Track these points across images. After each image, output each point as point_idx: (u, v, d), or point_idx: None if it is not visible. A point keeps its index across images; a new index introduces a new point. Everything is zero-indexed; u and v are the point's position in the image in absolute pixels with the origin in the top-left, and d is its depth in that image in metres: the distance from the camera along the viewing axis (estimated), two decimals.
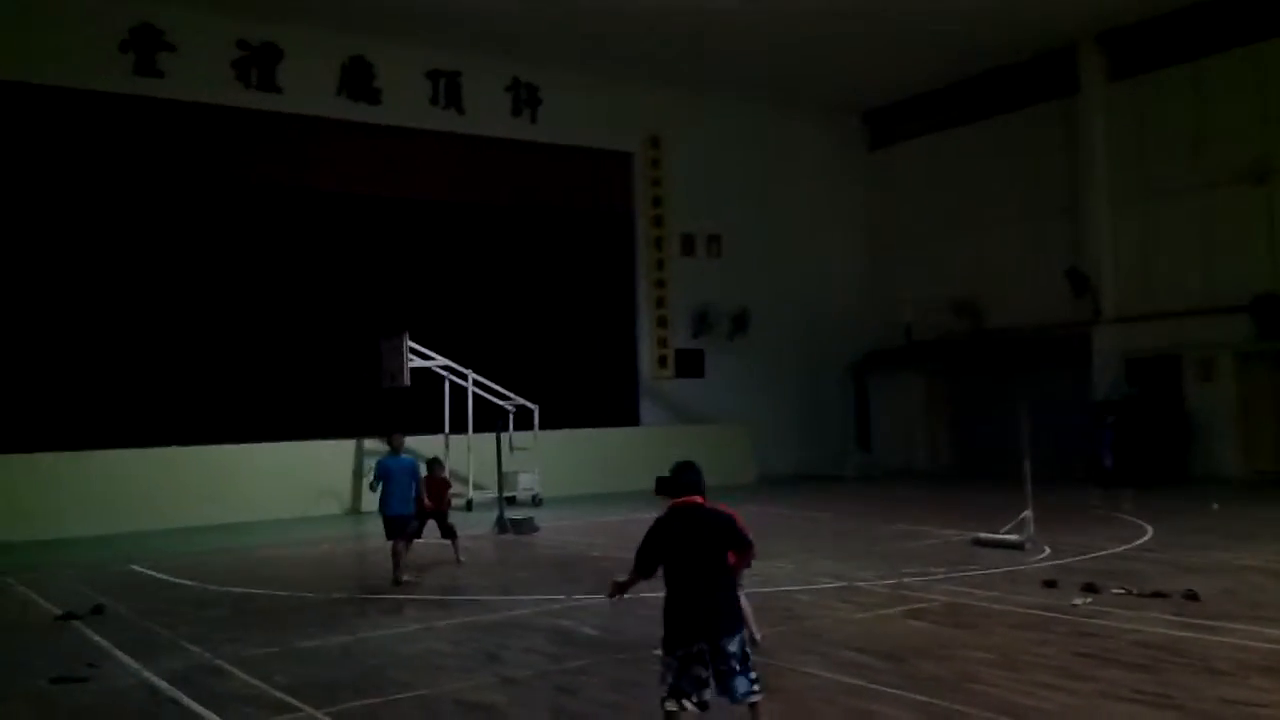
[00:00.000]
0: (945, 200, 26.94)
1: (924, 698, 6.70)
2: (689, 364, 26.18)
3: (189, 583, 12.43)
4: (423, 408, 19.95)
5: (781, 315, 26.82)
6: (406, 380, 18.87)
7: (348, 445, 20.34)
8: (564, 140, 24.46)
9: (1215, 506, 16.17)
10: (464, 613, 10.16)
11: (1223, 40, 21.69)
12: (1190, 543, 12.97)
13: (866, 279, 28.54)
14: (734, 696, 5.50)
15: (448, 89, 23.17)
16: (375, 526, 17.55)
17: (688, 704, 5.44)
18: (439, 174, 23.18)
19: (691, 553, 5.65)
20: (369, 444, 20.29)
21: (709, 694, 5.49)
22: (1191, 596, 9.48)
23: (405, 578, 11.91)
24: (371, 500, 12.85)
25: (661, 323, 25.96)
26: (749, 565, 6.05)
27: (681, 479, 5.88)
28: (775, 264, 26.98)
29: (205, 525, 18.09)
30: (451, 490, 14.15)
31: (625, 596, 5.96)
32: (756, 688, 5.55)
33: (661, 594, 5.62)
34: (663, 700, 5.51)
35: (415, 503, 12.23)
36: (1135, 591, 9.67)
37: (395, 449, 12.39)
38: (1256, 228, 21.08)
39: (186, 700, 7.27)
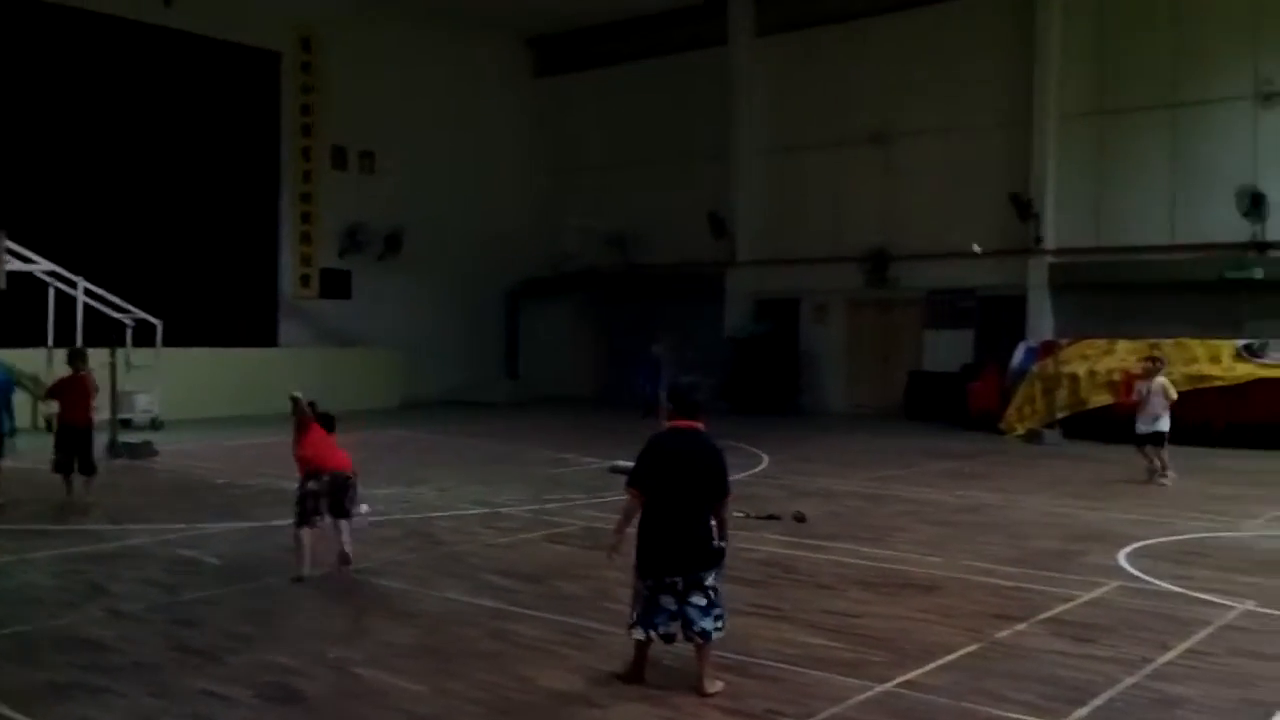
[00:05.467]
0: (607, 135, 27.55)
1: (561, 616, 6.89)
2: (335, 284, 25.11)
3: None
4: (21, 317, 17.71)
5: (439, 238, 26.29)
6: (0, 283, 16.60)
7: None
8: (202, 30, 22.32)
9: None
10: (67, 543, 9.19)
11: (863, 8, 23.62)
12: (800, 469, 14.29)
13: (527, 206, 28.64)
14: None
15: None
16: None
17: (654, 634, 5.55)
18: (52, 53, 20.42)
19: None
20: None
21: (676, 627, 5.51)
22: (800, 519, 10.42)
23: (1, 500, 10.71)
24: None
25: (306, 239, 24.66)
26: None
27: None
28: (434, 185, 26.33)
29: None
30: (95, 401, 11.65)
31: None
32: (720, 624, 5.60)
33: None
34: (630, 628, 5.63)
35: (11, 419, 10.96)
36: (752, 514, 10.45)
37: None
38: (872, 186, 23.34)
39: None
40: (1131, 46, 20.46)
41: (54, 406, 11.34)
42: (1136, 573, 8.33)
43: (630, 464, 5.88)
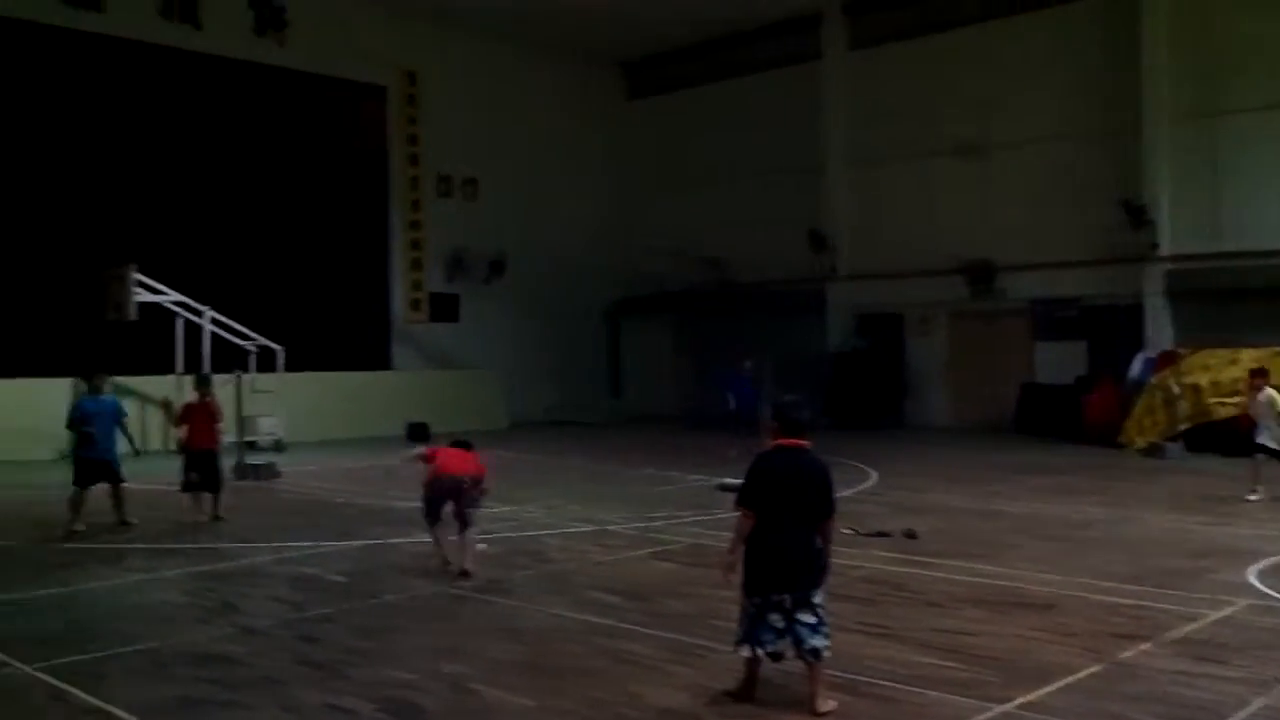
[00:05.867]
0: (699, 154, 27.64)
1: (669, 633, 6.92)
2: (443, 308, 25.73)
3: None
4: (153, 346, 18.59)
5: (538, 260, 26.76)
6: (132, 314, 17.47)
7: (63, 384, 18.62)
8: (313, 68, 23.24)
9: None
10: (198, 561, 9.60)
11: (952, 19, 23.32)
12: (908, 485, 14.06)
13: (623, 227, 28.93)
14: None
15: (182, 1, 21.47)
16: None
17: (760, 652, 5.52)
18: (174, 93, 21.50)
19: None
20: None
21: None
22: (910, 535, 10.27)
23: (133, 520, 11.25)
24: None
25: (416, 265, 25.35)
26: None
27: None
28: (533, 208, 26.86)
29: None
30: (221, 424, 12.22)
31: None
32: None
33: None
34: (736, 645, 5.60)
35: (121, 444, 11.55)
36: (860, 531, 10.34)
37: (96, 390, 11.51)
38: (972, 197, 22.92)
39: None
40: (1242, 45, 19.68)
41: (183, 431, 11.88)
42: (1267, 590, 7.99)
43: (737, 481, 5.88)
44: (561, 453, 19.04)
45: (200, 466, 11.62)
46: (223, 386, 13.83)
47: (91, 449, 11.20)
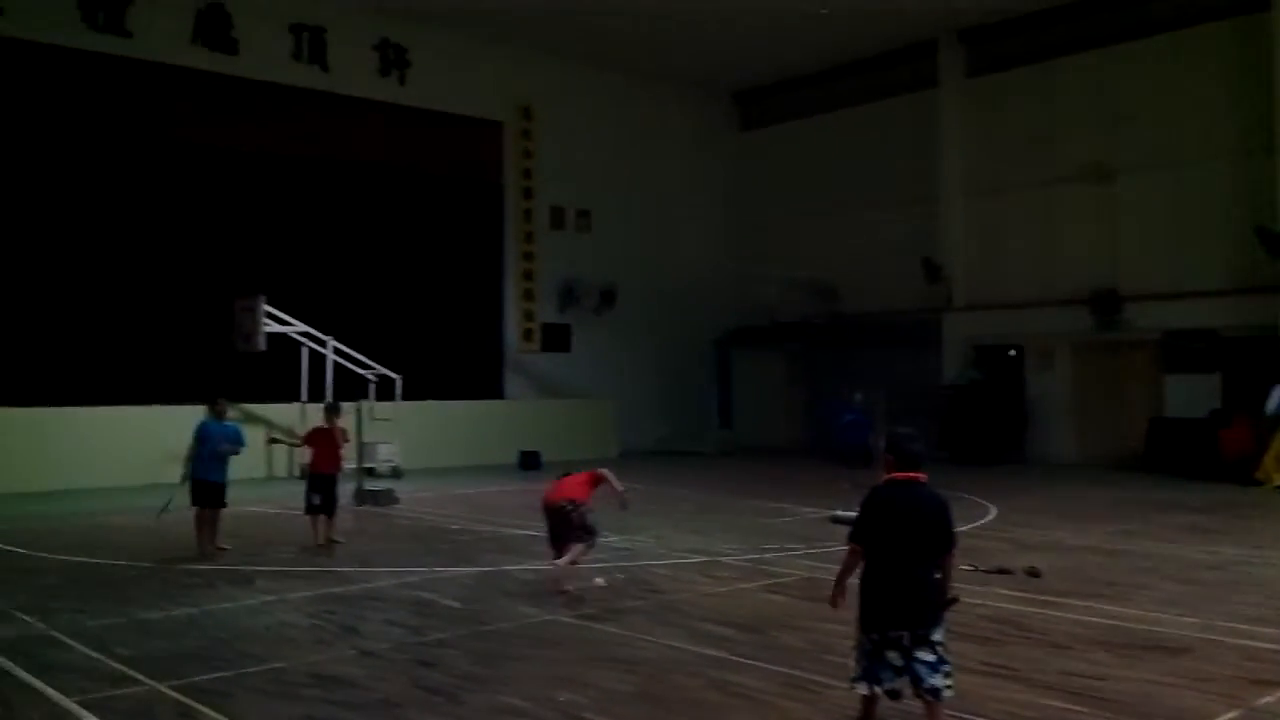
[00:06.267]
0: (810, 184, 27.47)
1: (782, 667, 6.84)
2: (555, 338, 26.07)
3: (20, 550, 11.74)
4: (279, 375, 19.27)
5: (648, 291, 26.94)
6: (261, 345, 18.14)
7: (197, 411, 19.41)
8: (433, 105, 23.95)
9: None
10: (320, 585, 9.87)
11: (1072, 43, 22.77)
12: (1030, 522, 13.61)
13: (733, 258, 28.91)
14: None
15: (311, 44, 22.42)
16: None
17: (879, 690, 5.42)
18: (301, 132, 22.37)
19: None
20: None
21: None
22: (1033, 573, 9.93)
23: (225, 546, 11.59)
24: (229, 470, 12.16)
25: (528, 295, 25.76)
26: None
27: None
28: (644, 240, 27.08)
29: (39, 492, 17.07)
30: (344, 451, 12.67)
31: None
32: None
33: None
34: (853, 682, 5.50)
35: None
36: (980, 568, 10.06)
37: (219, 415, 11.93)
38: (1096, 225, 22.22)
39: (19, 672, 6.85)
40: None
41: (307, 454, 12.28)
42: None
43: (850, 514, 5.78)
44: (672, 482, 19.01)
45: (321, 489, 12.00)
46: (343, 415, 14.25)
47: (200, 471, 11.60)
